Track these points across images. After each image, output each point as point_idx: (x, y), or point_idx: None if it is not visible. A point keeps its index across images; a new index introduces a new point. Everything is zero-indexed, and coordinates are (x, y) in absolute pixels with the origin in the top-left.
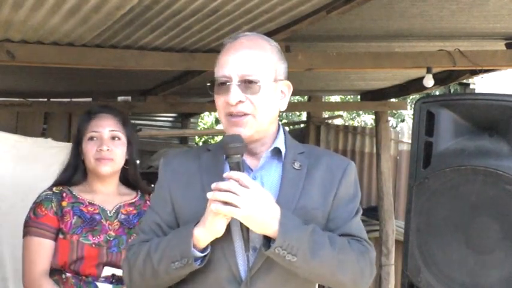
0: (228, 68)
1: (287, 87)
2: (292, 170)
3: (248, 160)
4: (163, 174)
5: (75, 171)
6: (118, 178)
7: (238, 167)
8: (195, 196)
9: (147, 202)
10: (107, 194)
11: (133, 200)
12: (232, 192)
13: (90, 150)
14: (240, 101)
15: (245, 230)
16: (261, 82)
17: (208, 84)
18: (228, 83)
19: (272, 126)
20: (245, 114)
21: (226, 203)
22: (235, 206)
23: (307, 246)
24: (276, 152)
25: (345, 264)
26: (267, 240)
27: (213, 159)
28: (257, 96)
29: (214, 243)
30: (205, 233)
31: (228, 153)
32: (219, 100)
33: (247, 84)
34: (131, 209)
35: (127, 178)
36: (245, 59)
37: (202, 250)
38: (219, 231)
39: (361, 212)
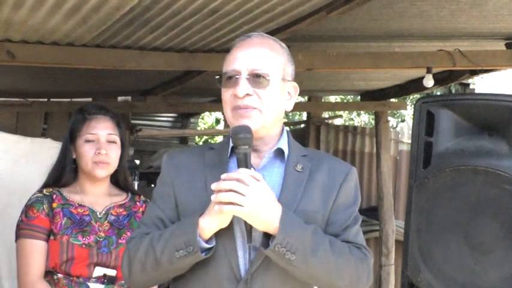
0: (238, 62)
1: (294, 88)
2: (295, 172)
3: (251, 158)
4: (167, 169)
5: (65, 171)
6: (109, 179)
7: (246, 158)
8: (198, 193)
9: (137, 203)
10: (97, 195)
11: (123, 202)
12: (235, 191)
13: (87, 152)
14: (248, 94)
15: (248, 224)
16: (269, 77)
17: (217, 77)
18: (236, 77)
19: (277, 126)
20: (252, 108)
21: (229, 202)
22: (239, 205)
23: (307, 245)
24: (279, 152)
25: (343, 269)
26: (267, 239)
27: (216, 157)
28: (265, 91)
29: (217, 239)
30: (210, 223)
31: (237, 143)
32: (227, 93)
33: (255, 78)
34: (121, 210)
35: (117, 180)
36: (255, 54)
37: (207, 242)
38: (225, 221)
39: (360, 220)
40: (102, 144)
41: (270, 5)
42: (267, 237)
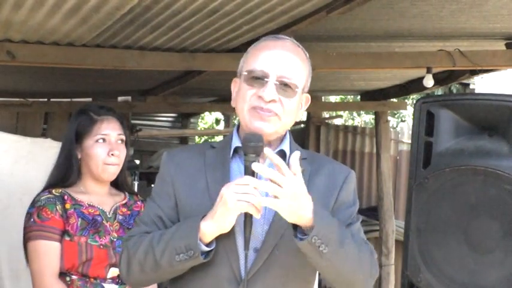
0: (268, 64)
1: (306, 99)
2: None
3: None
4: (167, 167)
5: (71, 171)
6: None
7: None
8: (198, 193)
9: (138, 203)
10: (101, 195)
11: (125, 201)
12: (274, 183)
13: (99, 154)
14: (273, 100)
15: (248, 229)
16: (297, 89)
17: (245, 73)
18: (265, 79)
19: (284, 131)
20: (274, 114)
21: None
22: (276, 197)
23: (336, 237)
24: (281, 154)
25: (363, 260)
26: (295, 231)
27: (218, 157)
28: (290, 100)
29: (217, 241)
30: (212, 227)
31: (247, 151)
32: (249, 91)
33: (283, 86)
34: (125, 209)
35: (116, 179)
36: (286, 61)
37: (207, 245)
38: (227, 227)
39: (360, 219)
40: (113, 145)
41: (270, 5)
42: (295, 229)
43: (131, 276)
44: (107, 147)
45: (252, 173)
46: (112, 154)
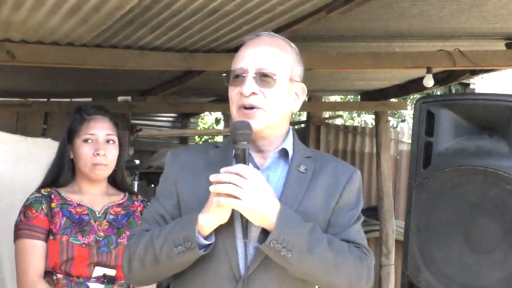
0: (246, 60)
1: (301, 89)
2: (298, 172)
3: (256, 158)
4: (171, 166)
5: (63, 171)
6: (107, 179)
7: (244, 153)
8: (200, 192)
9: (135, 203)
10: (95, 194)
11: (121, 201)
12: (234, 184)
13: (86, 153)
14: (254, 93)
15: (245, 219)
16: (276, 77)
17: (224, 74)
18: (243, 75)
19: (283, 126)
20: (256, 108)
21: (228, 195)
22: (237, 198)
23: (303, 243)
24: (284, 153)
25: (341, 267)
26: (264, 235)
27: (221, 155)
28: (271, 90)
29: (217, 237)
30: (209, 219)
31: (236, 139)
32: (233, 91)
33: (262, 77)
34: (119, 209)
35: (114, 179)
36: (263, 54)
37: (207, 239)
38: (223, 219)
39: (362, 219)
40: (100, 144)
41: (270, 5)
42: (265, 233)
43: (132, 274)
44: (93, 147)
45: (244, 161)
46: (97, 154)
